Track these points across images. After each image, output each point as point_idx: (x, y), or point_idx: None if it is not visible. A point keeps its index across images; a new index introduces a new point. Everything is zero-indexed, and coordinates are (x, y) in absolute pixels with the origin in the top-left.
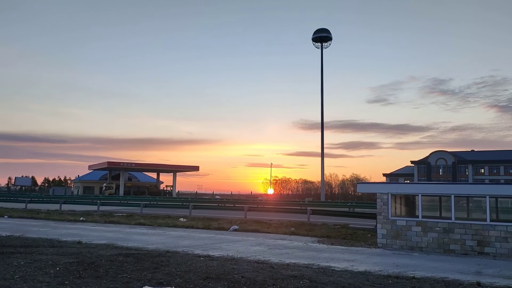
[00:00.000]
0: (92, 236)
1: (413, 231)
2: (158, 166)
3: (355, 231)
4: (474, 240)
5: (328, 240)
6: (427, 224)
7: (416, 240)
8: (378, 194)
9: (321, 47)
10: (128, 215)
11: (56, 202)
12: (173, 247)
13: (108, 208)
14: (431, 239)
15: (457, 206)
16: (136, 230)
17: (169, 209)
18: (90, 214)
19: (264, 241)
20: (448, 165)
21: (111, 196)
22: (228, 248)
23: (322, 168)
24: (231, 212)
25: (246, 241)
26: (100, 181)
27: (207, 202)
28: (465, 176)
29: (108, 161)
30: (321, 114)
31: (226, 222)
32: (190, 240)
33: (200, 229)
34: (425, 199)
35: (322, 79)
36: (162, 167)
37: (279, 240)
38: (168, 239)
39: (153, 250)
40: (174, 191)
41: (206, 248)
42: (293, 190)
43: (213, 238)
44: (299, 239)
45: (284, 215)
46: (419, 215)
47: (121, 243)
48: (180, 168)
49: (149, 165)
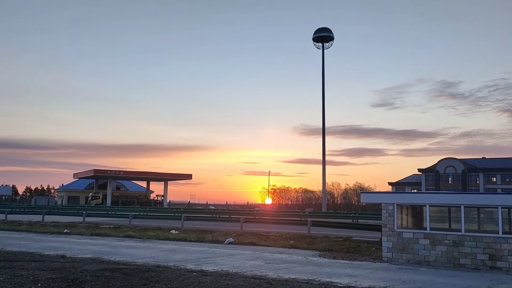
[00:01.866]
0: (77, 249)
1: (421, 244)
2: (148, 174)
3: (359, 244)
4: (486, 254)
5: (329, 253)
6: (436, 237)
7: (423, 253)
8: (383, 205)
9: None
10: (116, 227)
11: (39, 212)
12: (164, 262)
13: (94, 219)
14: (439, 252)
15: (467, 217)
16: (124, 243)
17: (160, 221)
18: (75, 225)
19: (262, 255)
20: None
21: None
22: (223, 262)
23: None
24: (226, 223)
25: (242, 255)
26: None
27: (201, 213)
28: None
29: (94, 169)
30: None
31: (220, 235)
32: (182, 254)
33: (193, 242)
34: (434, 209)
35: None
36: (153, 175)
37: (278, 253)
38: (158, 252)
39: (143, 264)
40: (165, 201)
41: (200, 262)
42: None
43: (207, 252)
44: (298, 252)
45: (283, 227)
46: (427, 227)
47: (108, 257)
48: (171, 177)
49: (139, 173)
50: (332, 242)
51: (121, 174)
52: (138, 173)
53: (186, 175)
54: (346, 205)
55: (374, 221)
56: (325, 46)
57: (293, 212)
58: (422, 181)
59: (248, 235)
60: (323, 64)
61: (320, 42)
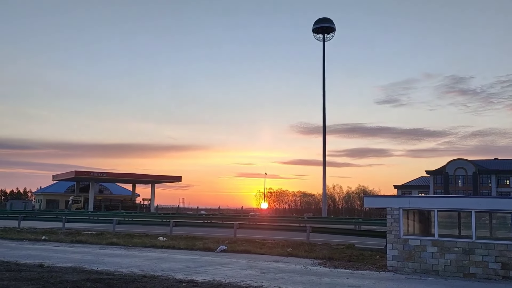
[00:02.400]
0: (56, 258)
1: (428, 252)
2: (134, 176)
3: (362, 252)
4: (498, 263)
5: (330, 262)
6: (444, 244)
7: (431, 262)
8: (388, 209)
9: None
10: (99, 234)
11: (14, 218)
12: (150, 271)
13: (75, 225)
14: (448, 261)
15: (478, 223)
16: (107, 251)
17: (147, 226)
18: (54, 232)
19: (257, 263)
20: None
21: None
22: (214, 272)
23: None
24: (219, 230)
25: (236, 263)
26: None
27: (191, 219)
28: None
29: (75, 170)
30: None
31: (212, 242)
32: (171, 262)
33: (182, 249)
34: (442, 215)
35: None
36: (139, 178)
37: (274, 262)
38: (145, 261)
39: (128, 274)
40: (153, 205)
41: (189, 272)
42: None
43: (197, 261)
44: (297, 261)
45: (280, 234)
46: (435, 233)
47: (89, 266)
48: (159, 179)
49: (124, 175)
50: (333, 250)
51: (104, 176)
52: (123, 175)
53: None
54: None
55: (378, 227)
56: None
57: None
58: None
59: (242, 242)
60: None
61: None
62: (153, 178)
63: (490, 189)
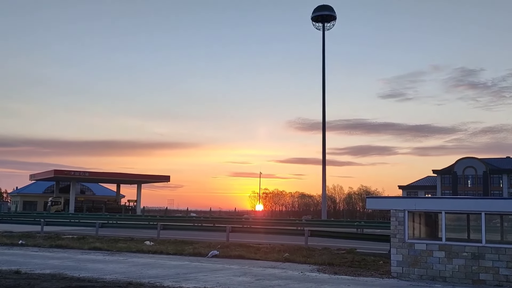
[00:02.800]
0: (33, 264)
1: (435, 257)
2: (118, 176)
3: (364, 257)
4: (509, 268)
5: (330, 268)
6: (452, 249)
7: (438, 268)
8: (392, 211)
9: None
10: (80, 238)
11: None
12: (136, 278)
13: (54, 228)
14: (456, 266)
15: (489, 226)
16: (90, 256)
17: (132, 230)
18: (32, 236)
19: (251, 270)
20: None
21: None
22: (205, 279)
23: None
24: (210, 233)
25: (229, 269)
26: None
27: (180, 221)
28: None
29: (55, 169)
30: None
31: (203, 246)
32: (159, 268)
33: (171, 255)
34: (450, 217)
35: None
36: (124, 177)
37: (270, 268)
38: (130, 267)
39: (112, 281)
40: (139, 207)
41: (178, 279)
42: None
43: (187, 266)
44: (294, 267)
45: (276, 238)
46: (442, 237)
47: (70, 273)
48: (146, 179)
49: (108, 174)
50: (333, 255)
51: (86, 176)
52: (107, 174)
53: (163, 177)
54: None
55: (382, 231)
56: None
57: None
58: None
59: (236, 247)
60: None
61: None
62: (139, 177)
63: (502, 189)
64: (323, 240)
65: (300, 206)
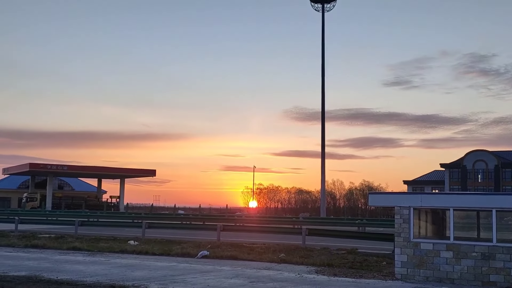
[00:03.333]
0: (7, 265)
1: (443, 257)
2: (100, 170)
3: (366, 258)
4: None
5: (329, 270)
6: (461, 248)
7: (446, 269)
8: (396, 208)
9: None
10: (58, 237)
11: None
12: (120, 280)
13: (30, 227)
14: (465, 268)
15: (500, 224)
16: (69, 257)
17: (115, 228)
18: (5, 235)
19: (244, 271)
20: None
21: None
22: (194, 281)
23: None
24: (200, 232)
25: (220, 271)
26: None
27: (167, 219)
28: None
29: (30, 163)
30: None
31: (192, 246)
32: (144, 270)
33: (157, 255)
34: (459, 214)
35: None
36: (106, 171)
37: (264, 270)
38: (113, 269)
39: (93, 284)
40: (122, 203)
41: (165, 281)
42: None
43: (174, 268)
44: (291, 268)
45: (271, 237)
46: (450, 236)
47: (48, 275)
48: (130, 173)
49: (88, 168)
50: (333, 256)
51: (64, 170)
52: (87, 168)
53: (148, 171)
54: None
55: (385, 229)
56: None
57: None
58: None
59: (227, 246)
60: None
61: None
62: (122, 172)
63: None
64: (322, 240)
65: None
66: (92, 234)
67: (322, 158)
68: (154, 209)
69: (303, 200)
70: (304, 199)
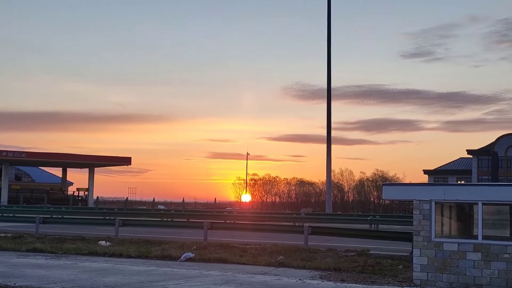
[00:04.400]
0: None
1: (469, 259)
2: (65, 158)
3: (379, 261)
4: None
5: (336, 275)
6: (491, 249)
7: (473, 273)
8: (415, 202)
9: None
10: (16, 236)
11: None
12: (89, 287)
13: None
14: (496, 272)
15: None
16: (29, 260)
17: (83, 226)
18: None
19: (236, 277)
20: None
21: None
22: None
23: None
24: (183, 231)
25: (207, 277)
26: None
27: (145, 216)
28: None
29: None
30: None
31: (174, 247)
32: (117, 275)
33: (133, 258)
34: (489, 210)
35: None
36: (72, 159)
37: (259, 275)
38: (81, 274)
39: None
40: (91, 197)
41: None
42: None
43: (153, 273)
44: (291, 273)
45: (268, 236)
46: (478, 235)
47: (3, 281)
48: (101, 161)
49: (51, 155)
50: (340, 258)
51: (22, 157)
52: (50, 155)
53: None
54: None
55: (402, 227)
56: None
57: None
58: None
59: (216, 247)
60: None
61: None
62: (91, 159)
63: None
64: (327, 239)
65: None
66: (56, 233)
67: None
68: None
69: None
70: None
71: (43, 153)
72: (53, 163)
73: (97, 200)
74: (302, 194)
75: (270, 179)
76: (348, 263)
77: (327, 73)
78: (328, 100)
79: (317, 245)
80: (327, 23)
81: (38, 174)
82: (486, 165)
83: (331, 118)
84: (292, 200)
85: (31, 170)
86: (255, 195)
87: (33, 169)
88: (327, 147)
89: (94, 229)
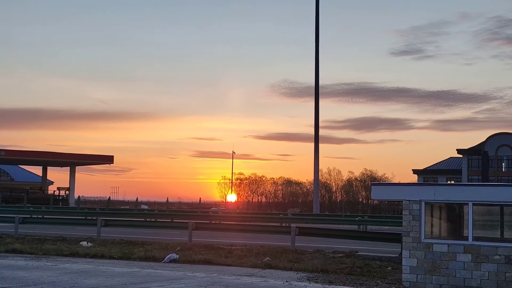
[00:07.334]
0: None
1: (460, 261)
2: (45, 156)
3: (368, 262)
4: None
5: (324, 276)
6: (481, 251)
7: (463, 275)
8: (404, 203)
9: None
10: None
11: None
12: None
13: None
14: (486, 273)
15: None
16: (7, 261)
17: (64, 227)
18: None
19: (221, 278)
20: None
21: None
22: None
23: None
24: (167, 231)
25: (192, 278)
26: None
27: (128, 216)
28: None
29: None
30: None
31: (158, 248)
32: (99, 277)
33: (115, 259)
34: (479, 210)
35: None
36: (53, 158)
37: (245, 277)
38: (61, 275)
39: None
40: (72, 197)
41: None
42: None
43: (136, 275)
44: (277, 275)
45: (254, 237)
46: (469, 236)
47: None
48: (82, 159)
49: (31, 153)
50: (328, 260)
51: (1, 155)
52: (30, 153)
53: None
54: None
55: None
56: None
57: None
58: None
59: (201, 249)
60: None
61: None
62: (72, 158)
63: None
64: (315, 240)
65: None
66: (36, 233)
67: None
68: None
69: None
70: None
71: (23, 151)
72: (33, 162)
73: (78, 199)
74: (289, 194)
75: (256, 178)
76: (336, 264)
77: (315, 71)
78: (316, 97)
79: (305, 246)
80: (315, 20)
81: (17, 173)
82: (476, 165)
83: (319, 116)
84: (278, 200)
85: (10, 168)
86: (241, 195)
87: (13, 168)
88: (315, 146)
89: (75, 230)
